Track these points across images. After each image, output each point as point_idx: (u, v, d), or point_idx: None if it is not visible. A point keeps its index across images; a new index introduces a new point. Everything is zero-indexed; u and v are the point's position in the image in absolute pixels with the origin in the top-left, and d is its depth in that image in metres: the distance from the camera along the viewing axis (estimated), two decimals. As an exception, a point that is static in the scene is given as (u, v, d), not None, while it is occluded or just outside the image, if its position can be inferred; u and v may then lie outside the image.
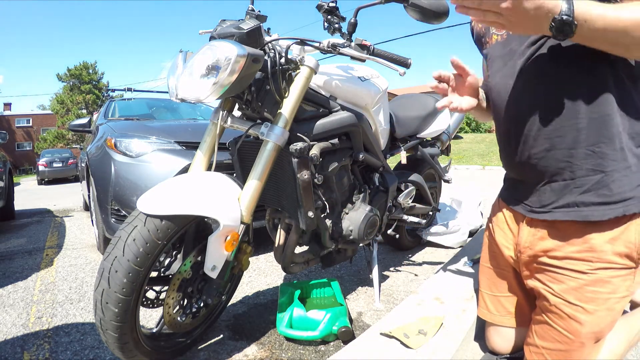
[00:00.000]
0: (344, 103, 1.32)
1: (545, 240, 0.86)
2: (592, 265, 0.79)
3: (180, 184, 1.03)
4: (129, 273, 0.90)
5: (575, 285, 0.80)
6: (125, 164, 2.03)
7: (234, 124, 1.17)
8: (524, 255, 0.92)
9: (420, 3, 1.03)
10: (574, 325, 0.81)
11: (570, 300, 0.81)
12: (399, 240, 2.10)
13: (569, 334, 0.81)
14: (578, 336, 0.80)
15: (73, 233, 3.21)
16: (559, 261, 0.83)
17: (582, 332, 0.80)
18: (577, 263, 0.81)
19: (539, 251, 0.87)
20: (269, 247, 2.34)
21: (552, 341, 0.84)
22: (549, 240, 0.85)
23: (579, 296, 0.80)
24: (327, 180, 1.26)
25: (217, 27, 1.06)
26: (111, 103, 3.40)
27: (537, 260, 0.88)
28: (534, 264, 0.90)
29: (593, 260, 0.79)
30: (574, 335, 0.81)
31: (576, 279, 0.80)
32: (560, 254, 0.83)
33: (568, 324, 0.81)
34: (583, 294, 0.79)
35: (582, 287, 0.80)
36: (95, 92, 26.36)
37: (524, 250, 0.91)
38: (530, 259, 0.90)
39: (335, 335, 1.23)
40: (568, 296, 0.81)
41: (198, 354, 1.21)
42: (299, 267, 1.37)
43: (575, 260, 0.81)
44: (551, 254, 0.85)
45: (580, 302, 0.80)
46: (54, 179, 11.87)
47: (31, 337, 1.38)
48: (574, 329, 0.81)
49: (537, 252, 0.88)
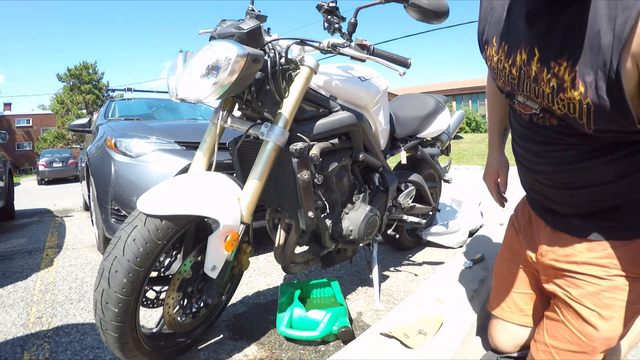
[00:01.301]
0: (344, 103, 1.32)
1: (567, 247, 0.85)
2: (609, 272, 0.79)
3: (180, 184, 1.03)
4: (129, 273, 0.90)
5: (592, 290, 0.80)
6: (125, 164, 2.04)
7: (234, 124, 1.17)
8: (544, 258, 0.91)
9: (420, 3, 1.03)
10: (589, 329, 0.80)
11: (587, 305, 0.80)
12: (399, 240, 2.10)
13: (582, 337, 0.81)
14: (592, 340, 0.80)
15: (73, 233, 3.21)
16: (578, 266, 0.83)
17: (597, 337, 0.79)
18: (594, 269, 0.80)
19: (560, 256, 0.87)
20: (269, 247, 2.33)
21: (564, 341, 0.84)
22: (570, 247, 0.85)
23: (596, 302, 0.79)
24: (327, 180, 1.26)
25: (217, 27, 1.06)
26: (111, 103, 3.40)
27: (556, 266, 0.88)
28: (553, 269, 0.89)
29: (611, 267, 0.79)
30: (587, 339, 0.80)
31: (593, 284, 0.80)
32: (580, 260, 0.83)
33: (584, 327, 0.81)
34: (600, 300, 0.79)
35: (599, 293, 0.79)
36: (95, 92, 26.35)
37: (545, 254, 0.91)
38: (551, 262, 0.89)
39: (335, 335, 1.23)
40: (585, 301, 0.81)
41: (198, 354, 1.21)
42: (299, 267, 1.37)
43: (594, 266, 0.81)
44: (570, 260, 0.84)
45: (597, 307, 0.79)
46: (54, 179, 11.87)
47: (31, 337, 1.38)
48: (589, 333, 0.80)
49: (558, 257, 0.87)
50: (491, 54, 0.82)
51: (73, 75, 26.25)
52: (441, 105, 1.89)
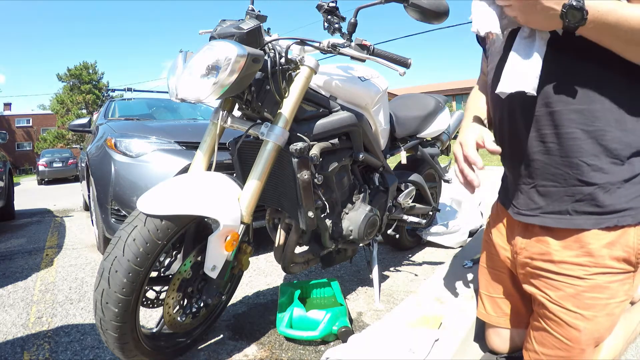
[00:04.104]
0: (344, 103, 1.32)
1: (541, 243, 0.84)
2: (589, 270, 0.77)
3: (180, 184, 1.03)
4: (129, 273, 0.90)
5: (572, 292, 0.79)
6: (125, 164, 2.04)
7: (234, 124, 1.17)
8: (520, 256, 0.90)
9: (420, 3, 1.03)
10: (573, 333, 0.79)
11: (568, 308, 0.79)
12: (399, 240, 2.10)
13: (568, 342, 0.80)
14: (578, 343, 0.79)
15: (73, 233, 3.21)
16: (555, 265, 0.81)
17: (582, 339, 0.79)
18: (573, 268, 0.79)
19: (535, 254, 0.86)
20: (269, 247, 2.33)
21: (552, 348, 0.83)
22: (544, 244, 0.84)
23: (578, 303, 0.78)
24: (327, 180, 1.26)
25: (217, 27, 1.06)
26: (111, 103, 3.40)
27: (532, 264, 0.87)
28: (529, 268, 0.88)
29: (590, 265, 0.77)
30: (573, 342, 0.80)
31: (573, 285, 0.79)
32: (557, 258, 0.81)
33: (567, 332, 0.80)
34: (582, 301, 0.78)
35: (580, 294, 0.78)
36: (95, 92, 26.37)
37: (520, 252, 0.90)
38: (526, 261, 0.88)
39: (335, 335, 1.23)
40: (566, 303, 0.79)
41: (198, 354, 1.21)
42: (299, 267, 1.37)
43: (572, 265, 0.79)
44: (547, 258, 0.83)
45: (579, 309, 0.78)
46: (54, 179, 11.87)
47: (31, 337, 1.38)
48: (573, 337, 0.79)
49: (533, 255, 0.86)
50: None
51: (73, 75, 26.27)
52: (441, 105, 1.89)
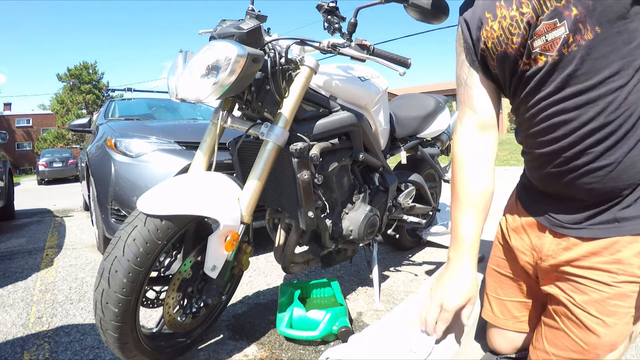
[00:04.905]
0: (344, 103, 1.32)
1: (571, 251, 0.83)
2: (617, 278, 0.76)
3: (180, 184, 1.03)
4: (129, 273, 0.90)
5: (598, 297, 0.78)
6: (125, 164, 2.04)
7: (234, 124, 1.17)
8: (544, 263, 0.88)
9: (420, 3, 1.03)
10: (591, 338, 0.78)
11: (591, 312, 0.78)
12: (399, 240, 2.10)
13: (585, 345, 0.79)
14: (595, 348, 0.79)
15: (73, 233, 3.21)
16: (583, 270, 0.80)
17: (599, 344, 0.78)
18: (601, 274, 0.78)
19: (563, 261, 0.84)
20: (269, 247, 2.33)
21: (565, 349, 0.82)
22: (575, 251, 0.82)
23: (601, 309, 0.78)
24: (327, 180, 1.26)
25: (217, 27, 1.06)
26: (111, 103, 3.40)
27: (558, 269, 0.85)
28: (555, 272, 0.87)
29: (618, 273, 0.76)
30: (590, 346, 0.79)
31: (599, 291, 0.78)
32: (586, 264, 0.80)
33: (586, 336, 0.79)
34: (605, 307, 0.77)
35: (605, 300, 0.77)
36: (95, 92, 26.38)
37: (546, 259, 0.88)
38: (552, 267, 0.87)
39: (335, 335, 1.23)
40: (590, 308, 0.79)
41: (198, 354, 1.21)
42: (299, 267, 1.37)
43: (600, 271, 0.78)
44: (575, 264, 0.82)
45: (602, 315, 0.77)
46: (54, 179, 11.88)
47: (31, 337, 1.38)
48: (591, 342, 0.79)
49: (560, 262, 0.84)
50: (491, 27, 0.81)
51: (73, 75, 26.28)
52: (441, 105, 1.89)
